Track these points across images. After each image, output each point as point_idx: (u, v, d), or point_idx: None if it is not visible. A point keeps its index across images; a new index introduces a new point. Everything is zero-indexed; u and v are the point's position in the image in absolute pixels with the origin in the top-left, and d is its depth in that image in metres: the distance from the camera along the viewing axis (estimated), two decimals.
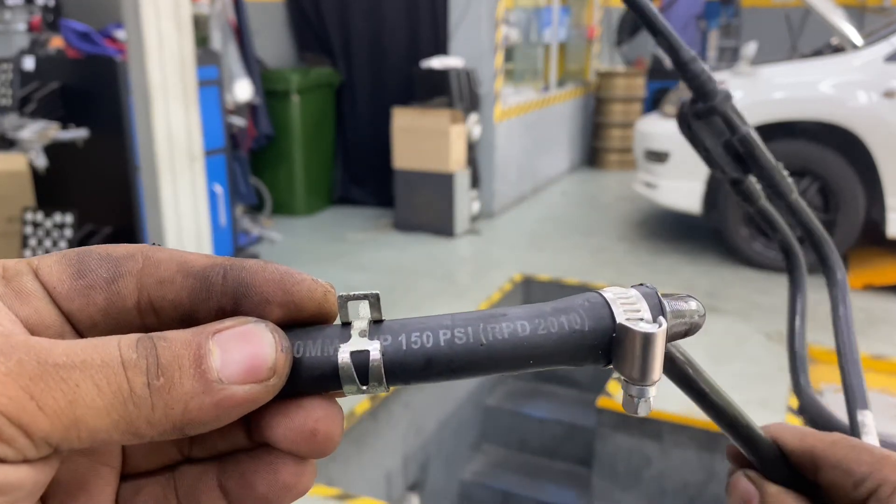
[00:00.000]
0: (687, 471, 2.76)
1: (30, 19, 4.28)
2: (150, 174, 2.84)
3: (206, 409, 0.23)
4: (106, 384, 0.22)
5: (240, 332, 0.24)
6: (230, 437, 0.28)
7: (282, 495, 0.26)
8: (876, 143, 4.02)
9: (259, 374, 0.24)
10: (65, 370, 0.21)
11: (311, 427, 0.26)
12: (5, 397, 0.20)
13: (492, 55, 5.54)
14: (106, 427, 0.22)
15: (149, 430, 0.23)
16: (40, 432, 0.21)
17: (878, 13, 7.91)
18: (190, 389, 0.23)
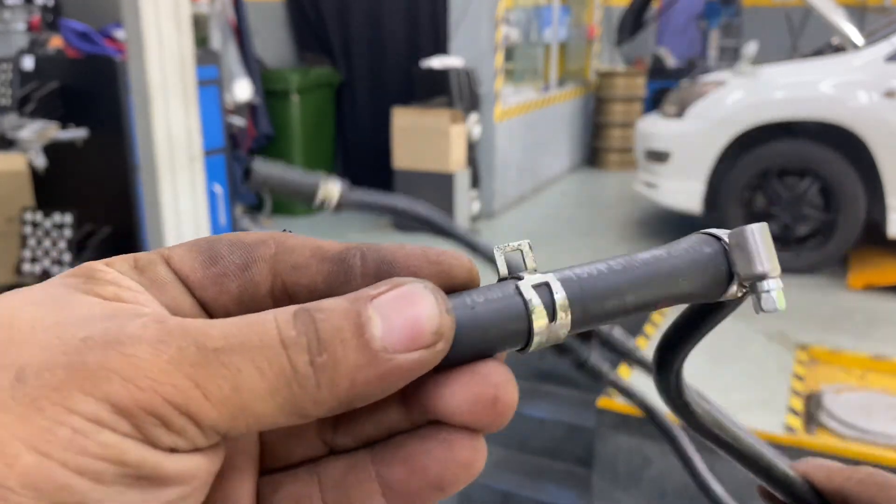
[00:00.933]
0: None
1: (29, 19, 4.28)
2: (150, 174, 2.84)
3: (372, 382, 0.22)
4: (268, 366, 0.21)
5: (399, 295, 0.23)
6: (383, 419, 0.26)
7: (459, 475, 0.24)
8: (877, 143, 4.02)
9: (424, 340, 0.22)
10: (224, 354, 0.21)
11: (491, 394, 0.24)
12: (170, 386, 0.20)
13: (492, 55, 5.53)
14: (272, 411, 0.21)
15: (315, 409, 0.22)
16: (208, 420, 0.20)
17: (879, 13, 7.91)
18: (354, 363, 0.22)
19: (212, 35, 4.30)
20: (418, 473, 0.24)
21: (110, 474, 0.19)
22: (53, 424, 0.19)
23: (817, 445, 2.56)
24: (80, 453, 0.19)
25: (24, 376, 0.19)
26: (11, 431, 0.18)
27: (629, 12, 6.74)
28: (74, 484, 0.19)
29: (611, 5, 8.31)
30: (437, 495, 0.24)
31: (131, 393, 0.19)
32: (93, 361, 0.20)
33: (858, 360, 3.19)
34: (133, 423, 0.20)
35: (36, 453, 0.18)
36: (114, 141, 3.36)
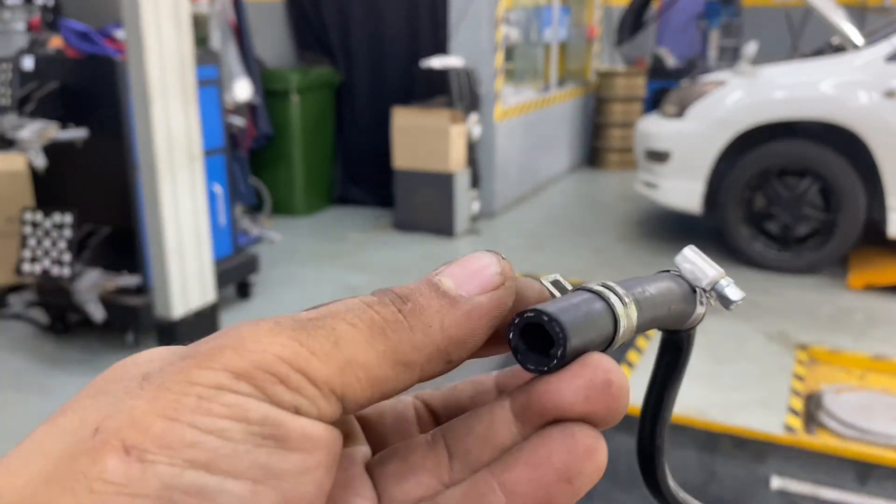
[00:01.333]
0: (687, 471, 2.76)
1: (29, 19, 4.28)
2: (150, 174, 2.84)
3: (460, 323, 0.24)
4: (358, 320, 0.23)
5: (459, 261, 0.26)
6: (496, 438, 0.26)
7: (584, 465, 0.24)
8: (877, 143, 4.02)
9: (493, 282, 0.25)
10: (318, 320, 0.23)
11: (603, 378, 0.24)
12: (279, 345, 0.21)
13: (492, 55, 5.53)
14: (376, 359, 0.23)
15: (416, 354, 0.24)
16: (321, 376, 0.22)
17: (879, 13, 7.91)
18: (438, 306, 0.24)
19: (212, 35, 4.29)
20: (542, 467, 0.24)
21: (236, 431, 0.20)
22: (179, 396, 0.20)
23: (817, 445, 2.56)
24: (206, 414, 0.20)
25: (148, 376, 0.22)
26: (142, 410, 0.20)
27: (629, 12, 6.73)
28: (203, 440, 0.20)
29: (611, 5, 8.30)
30: (566, 490, 0.24)
31: (245, 358, 0.21)
32: (204, 349, 0.22)
33: (858, 360, 3.19)
34: (253, 383, 0.21)
35: (166, 419, 0.20)
36: (114, 141, 3.35)
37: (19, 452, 0.21)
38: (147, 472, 0.19)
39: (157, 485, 0.19)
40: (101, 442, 0.20)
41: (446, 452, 0.27)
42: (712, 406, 2.79)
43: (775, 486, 2.59)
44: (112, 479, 0.19)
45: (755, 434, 2.61)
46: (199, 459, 0.20)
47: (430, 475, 0.26)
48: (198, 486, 0.19)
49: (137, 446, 0.19)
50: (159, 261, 2.91)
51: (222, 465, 0.20)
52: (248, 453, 0.20)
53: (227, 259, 3.86)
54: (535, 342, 0.25)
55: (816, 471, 2.55)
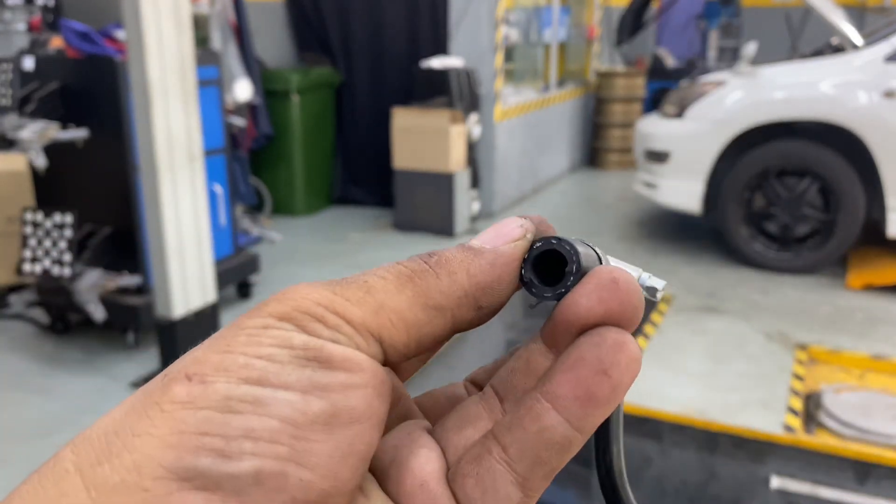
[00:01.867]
0: (687, 471, 2.76)
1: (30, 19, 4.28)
2: (150, 174, 2.84)
3: (484, 270, 0.26)
4: (387, 273, 0.26)
5: (490, 227, 0.28)
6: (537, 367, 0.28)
7: (617, 357, 0.25)
8: (876, 143, 4.02)
9: (514, 234, 0.28)
10: (350, 280, 0.25)
11: (608, 277, 0.26)
12: (317, 294, 0.24)
13: (492, 55, 5.54)
14: (408, 304, 0.25)
15: (446, 300, 0.26)
16: (356, 317, 0.24)
17: (879, 13, 7.91)
18: (462, 257, 0.27)
19: (212, 35, 4.30)
20: (577, 366, 0.25)
21: (282, 355, 0.23)
22: (232, 337, 0.23)
23: (816, 445, 2.57)
24: (255, 346, 0.23)
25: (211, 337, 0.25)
26: (203, 351, 0.23)
27: (629, 12, 6.74)
28: (254, 363, 0.23)
29: (611, 5, 8.31)
30: (604, 381, 0.25)
31: (286, 303, 0.24)
32: (255, 307, 0.25)
33: (858, 359, 3.19)
34: (294, 322, 0.24)
35: (222, 353, 0.23)
36: (114, 141, 3.36)
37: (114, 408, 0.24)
38: (208, 389, 0.22)
39: (218, 397, 0.22)
40: (169, 378, 0.23)
41: (497, 399, 0.29)
42: (712, 406, 2.79)
43: (775, 485, 2.59)
44: (179, 398, 0.22)
45: (755, 434, 2.62)
46: (252, 376, 0.22)
47: (485, 420, 0.28)
48: (253, 396, 0.22)
49: (198, 373, 0.22)
50: (160, 261, 2.91)
51: (272, 380, 0.22)
52: (294, 370, 0.23)
53: (227, 259, 3.86)
54: (545, 278, 0.28)
55: (816, 470, 2.55)
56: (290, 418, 0.22)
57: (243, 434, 0.22)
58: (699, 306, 3.79)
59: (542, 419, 0.25)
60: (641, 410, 2.77)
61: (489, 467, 0.26)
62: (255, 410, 0.22)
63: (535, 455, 0.25)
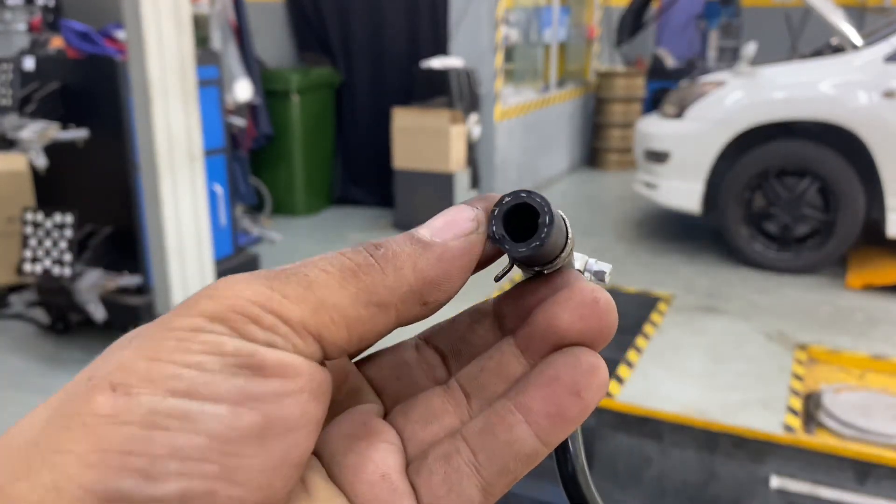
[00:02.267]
0: (687, 471, 2.76)
1: (30, 19, 4.28)
2: (150, 174, 2.84)
3: (432, 264, 0.25)
4: (329, 266, 0.24)
5: (438, 214, 0.27)
6: (508, 372, 0.28)
7: (589, 380, 0.26)
8: (876, 144, 4.02)
9: (466, 228, 0.26)
10: (291, 269, 0.24)
11: (590, 296, 0.27)
12: (251, 292, 0.23)
13: (492, 55, 5.54)
14: (350, 301, 0.24)
15: (391, 296, 0.25)
16: (294, 317, 0.23)
17: (879, 13, 7.91)
18: (410, 250, 0.26)
19: (212, 35, 4.30)
20: (552, 384, 0.26)
21: (213, 363, 0.22)
22: (160, 341, 0.22)
23: (816, 445, 2.57)
24: (184, 352, 0.22)
25: (137, 333, 0.23)
26: (129, 356, 0.22)
27: (629, 12, 6.74)
28: (182, 373, 0.21)
29: (611, 5, 8.31)
30: (576, 402, 0.26)
31: (219, 303, 0.23)
32: (187, 301, 0.23)
33: (857, 359, 3.19)
34: (227, 324, 0.22)
35: (149, 360, 0.22)
36: (114, 141, 3.36)
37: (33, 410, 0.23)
38: (132, 402, 0.21)
39: (143, 411, 0.21)
40: (92, 386, 0.21)
41: (463, 394, 0.29)
42: (712, 406, 2.79)
43: (775, 485, 2.59)
44: (101, 411, 0.21)
45: (755, 434, 2.62)
46: (179, 388, 0.21)
47: (451, 416, 0.28)
48: (180, 410, 0.21)
49: (123, 383, 0.21)
50: (160, 261, 2.92)
51: (202, 391, 0.21)
52: (225, 380, 0.22)
53: (227, 259, 3.86)
54: (516, 232, 0.27)
55: (816, 470, 2.55)
56: (220, 434, 0.21)
57: (169, 453, 0.20)
58: (699, 306, 3.80)
59: (514, 431, 0.26)
60: (641, 410, 2.77)
61: (457, 468, 0.26)
62: (183, 427, 0.21)
63: (502, 464, 0.26)
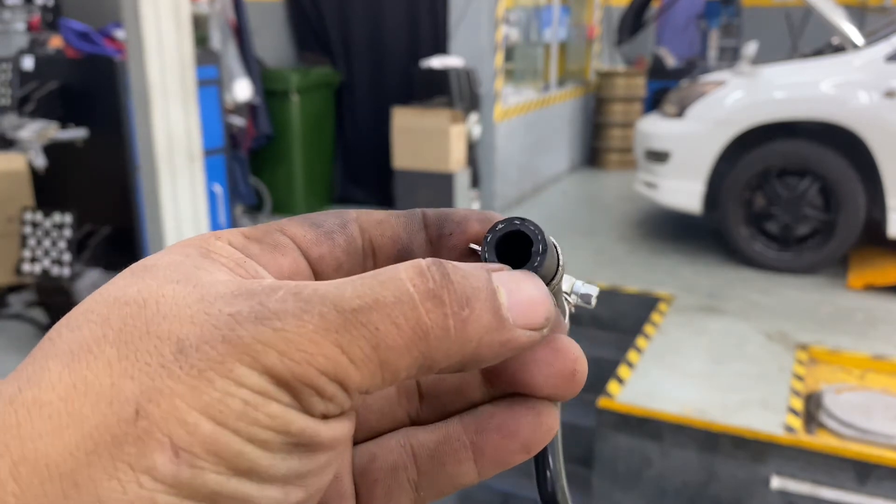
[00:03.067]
0: (687, 471, 2.76)
1: (29, 19, 4.28)
2: (150, 174, 2.84)
3: (493, 347, 0.24)
4: (404, 321, 0.22)
5: (517, 275, 0.25)
6: (468, 394, 0.29)
7: (544, 438, 0.27)
8: (877, 143, 4.02)
9: (537, 321, 0.25)
10: (362, 314, 0.22)
11: (571, 368, 0.27)
12: (322, 357, 0.21)
13: (492, 55, 5.53)
14: (407, 364, 0.22)
15: (444, 362, 0.23)
16: (354, 384, 0.22)
17: (879, 13, 7.91)
18: (487, 324, 0.23)
19: (212, 35, 4.30)
20: (510, 438, 0.27)
21: (276, 442, 0.21)
22: (225, 396, 0.20)
23: (817, 445, 2.56)
24: (251, 423, 0.20)
25: (184, 348, 0.21)
26: (186, 401, 0.20)
27: (629, 12, 6.73)
28: (247, 451, 0.20)
29: (611, 5, 8.30)
30: (523, 457, 0.27)
31: (288, 367, 0.21)
32: (247, 336, 0.21)
33: (858, 360, 3.19)
34: (293, 394, 0.21)
35: (213, 423, 0.20)
36: (114, 141, 3.36)
37: (45, 404, 0.20)
38: (196, 478, 0.20)
39: (206, 491, 0.20)
40: (146, 432, 0.20)
41: (418, 391, 0.29)
42: (712, 406, 2.79)
43: (775, 485, 2.59)
44: (161, 478, 0.19)
45: (755, 434, 2.61)
46: (242, 468, 0.20)
47: (402, 412, 0.29)
48: (241, 494, 0.20)
49: (186, 449, 0.20)
50: None
51: (262, 473, 0.21)
52: (283, 461, 0.21)
53: None
54: (506, 260, 0.26)
55: (816, 471, 2.55)
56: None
57: None
58: (699, 306, 3.79)
59: (461, 467, 0.27)
60: (641, 410, 2.77)
61: (400, 483, 0.28)
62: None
63: (440, 491, 0.28)
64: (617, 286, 4.02)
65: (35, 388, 0.20)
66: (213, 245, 0.25)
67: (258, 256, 0.26)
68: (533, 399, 0.27)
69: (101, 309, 0.22)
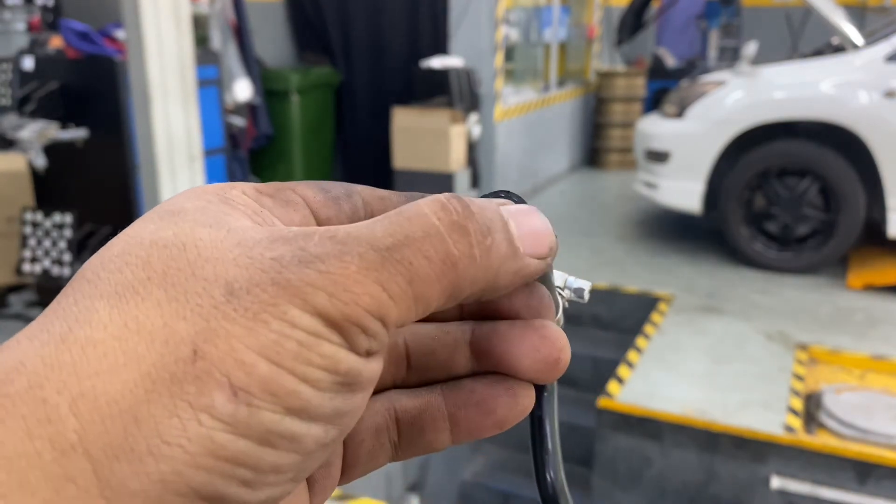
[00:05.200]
0: (687, 471, 2.76)
1: (29, 19, 4.28)
2: (150, 174, 2.84)
3: (509, 275, 0.25)
4: (434, 253, 0.23)
5: (522, 208, 0.27)
6: (453, 366, 0.30)
7: (517, 417, 0.29)
8: (876, 143, 4.02)
9: (543, 250, 0.26)
10: (396, 251, 0.23)
11: (556, 356, 0.28)
12: (367, 296, 0.22)
13: (492, 55, 5.53)
14: (438, 295, 0.23)
15: (468, 290, 0.24)
16: (393, 318, 0.23)
17: (879, 13, 7.91)
18: (505, 252, 0.25)
19: (212, 35, 4.30)
20: (486, 415, 0.28)
21: (327, 382, 0.22)
22: (281, 337, 0.21)
23: (817, 445, 2.56)
24: (306, 363, 0.21)
25: (235, 290, 0.21)
26: (243, 342, 0.21)
27: (629, 12, 6.73)
28: (301, 390, 0.21)
29: (611, 5, 8.30)
30: (495, 431, 0.29)
31: (338, 307, 0.22)
32: (295, 279, 0.21)
33: (858, 360, 3.19)
34: (342, 334, 0.22)
35: (270, 363, 0.21)
36: (114, 141, 3.36)
37: (98, 342, 0.20)
38: (253, 417, 0.20)
39: (262, 429, 0.20)
40: (205, 372, 0.20)
41: (406, 357, 0.30)
42: (712, 406, 2.79)
43: (775, 485, 2.59)
44: (220, 416, 0.20)
45: (755, 434, 2.61)
46: (295, 406, 0.21)
47: (389, 377, 0.30)
48: (291, 432, 0.21)
49: (244, 389, 0.20)
50: None
51: (312, 411, 0.21)
52: (330, 400, 0.22)
53: None
54: None
55: (816, 470, 2.55)
56: (310, 451, 0.22)
57: (272, 469, 0.21)
58: (699, 306, 3.79)
59: (438, 435, 0.29)
60: (642, 411, 2.77)
61: (382, 443, 0.29)
62: (290, 447, 0.21)
63: (416, 452, 0.30)
64: (617, 286, 4.02)
65: (86, 326, 0.21)
66: (230, 193, 0.25)
67: (271, 209, 0.26)
68: (512, 380, 0.28)
69: (138, 251, 0.22)
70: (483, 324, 0.30)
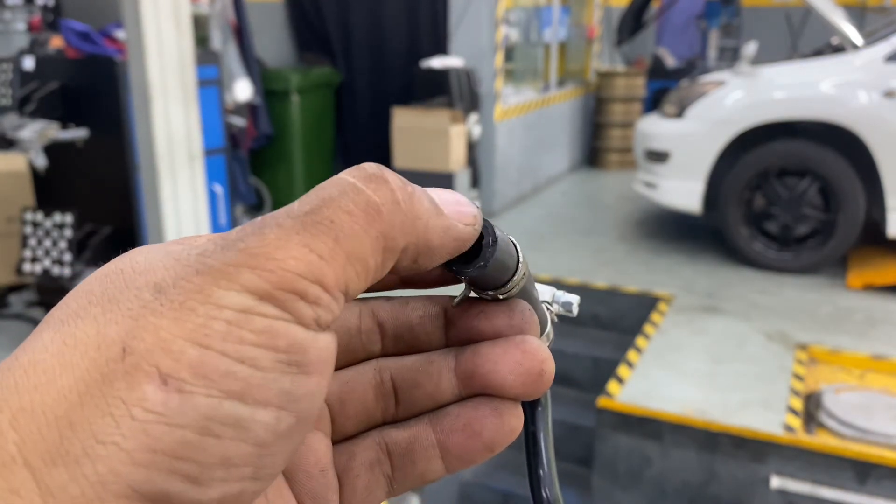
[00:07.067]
0: (687, 471, 2.76)
1: (30, 19, 4.29)
2: (150, 174, 2.84)
3: (438, 232, 0.25)
4: (353, 206, 0.23)
5: (437, 189, 0.27)
6: (438, 395, 0.30)
7: (507, 438, 0.29)
8: (876, 143, 4.02)
9: (468, 218, 0.27)
10: (314, 214, 0.22)
11: (538, 369, 0.28)
12: (292, 259, 0.21)
13: (492, 55, 5.53)
14: (371, 248, 0.23)
15: (402, 240, 0.24)
16: (331, 280, 0.22)
17: (879, 13, 7.91)
18: (429, 207, 0.25)
19: (212, 35, 4.30)
20: (474, 438, 0.29)
21: (266, 359, 0.21)
22: (208, 320, 0.20)
23: (817, 445, 2.57)
24: (238, 342, 0.20)
25: (162, 288, 0.21)
26: (171, 332, 0.20)
27: (629, 12, 6.73)
28: (237, 370, 0.20)
29: (611, 5, 8.30)
30: (486, 455, 0.29)
31: (264, 277, 0.21)
32: (217, 263, 0.21)
33: (858, 360, 3.19)
34: (277, 304, 0.21)
35: (199, 347, 0.20)
36: (114, 141, 3.36)
37: (38, 362, 0.21)
38: (186, 403, 0.20)
39: (197, 416, 0.20)
40: (134, 366, 0.20)
41: (394, 398, 0.31)
42: (712, 406, 2.79)
43: (775, 485, 2.59)
44: (152, 408, 0.19)
45: (755, 434, 2.61)
46: (233, 389, 0.20)
47: (377, 411, 0.31)
48: (234, 417, 0.20)
49: (174, 375, 0.20)
50: None
51: (254, 394, 0.21)
52: (275, 381, 0.21)
53: None
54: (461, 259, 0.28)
55: (816, 470, 2.55)
56: (263, 441, 0.21)
57: (219, 462, 0.20)
58: (699, 306, 3.79)
59: (430, 464, 0.29)
60: (642, 410, 2.77)
61: (377, 478, 0.30)
62: (235, 436, 0.20)
63: (412, 484, 0.30)
64: (617, 286, 4.02)
65: (30, 352, 0.21)
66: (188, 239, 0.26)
67: None
68: (497, 400, 0.29)
69: (83, 286, 0.23)
70: (466, 348, 0.30)
